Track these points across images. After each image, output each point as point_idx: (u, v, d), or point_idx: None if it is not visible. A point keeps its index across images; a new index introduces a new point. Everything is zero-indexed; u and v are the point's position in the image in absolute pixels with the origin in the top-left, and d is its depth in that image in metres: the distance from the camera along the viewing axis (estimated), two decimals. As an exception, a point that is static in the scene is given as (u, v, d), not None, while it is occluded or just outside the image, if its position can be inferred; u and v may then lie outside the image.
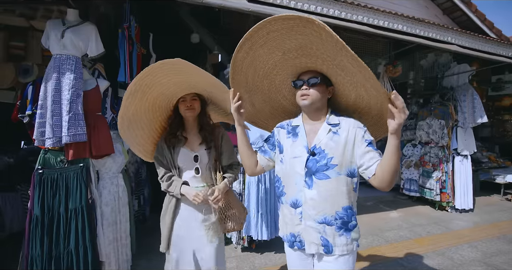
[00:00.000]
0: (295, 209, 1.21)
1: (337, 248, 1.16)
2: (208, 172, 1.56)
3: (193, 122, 1.60)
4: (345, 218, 1.16)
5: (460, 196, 4.24)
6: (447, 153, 4.32)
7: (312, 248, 1.19)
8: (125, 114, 1.44)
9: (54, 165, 2.08)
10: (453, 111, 4.29)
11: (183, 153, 1.54)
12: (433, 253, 2.90)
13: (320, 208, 1.15)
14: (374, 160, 1.11)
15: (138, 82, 1.34)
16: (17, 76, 2.90)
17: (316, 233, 1.17)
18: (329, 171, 1.14)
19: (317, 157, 1.16)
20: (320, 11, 2.87)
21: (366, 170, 1.13)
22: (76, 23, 2.14)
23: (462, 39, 3.70)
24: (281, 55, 1.21)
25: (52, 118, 1.99)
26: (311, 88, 1.19)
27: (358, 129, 1.17)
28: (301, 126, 1.26)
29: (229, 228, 1.56)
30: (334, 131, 1.18)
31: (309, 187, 1.16)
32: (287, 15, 1.02)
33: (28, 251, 1.92)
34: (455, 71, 4.55)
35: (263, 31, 1.11)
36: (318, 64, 1.19)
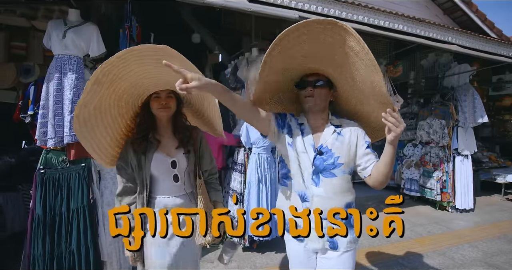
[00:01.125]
0: (302, 202, 1.22)
1: (341, 244, 1.21)
2: (187, 179, 1.38)
3: (167, 123, 1.39)
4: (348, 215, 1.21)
5: (460, 195, 4.24)
6: (447, 153, 4.31)
7: (318, 243, 1.21)
8: (86, 106, 1.18)
9: (56, 164, 2.09)
10: (454, 111, 4.28)
11: (157, 159, 1.32)
12: (433, 253, 2.90)
13: (326, 205, 1.18)
14: (370, 162, 1.20)
15: (108, 68, 1.10)
16: (19, 76, 2.91)
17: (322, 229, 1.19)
18: (335, 170, 1.20)
19: (324, 156, 1.20)
20: (320, 11, 2.88)
21: (363, 170, 1.22)
22: (78, 23, 2.14)
23: (462, 39, 3.70)
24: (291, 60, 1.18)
25: (54, 119, 2.00)
26: (316, 90, 1.22)
27: (359, 131, 1.24)
28: (306, 125, 1.27)
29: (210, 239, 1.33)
30: (338, 132, 1.23)
31: (316, 185, 1.20)
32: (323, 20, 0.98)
33: (30, 250, 1.92)
34: (455, 71, 4.55)
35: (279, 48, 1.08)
36: (325, 67, 1.20)
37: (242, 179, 2.88)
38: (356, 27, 2.98)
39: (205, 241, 1.32)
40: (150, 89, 1.33)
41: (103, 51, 2.20)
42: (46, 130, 2.01)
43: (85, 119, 1.22)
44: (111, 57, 1.09)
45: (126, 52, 1.08)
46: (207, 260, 2.64)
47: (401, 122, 1.02)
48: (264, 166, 2.79)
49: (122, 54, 1.08)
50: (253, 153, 2.83)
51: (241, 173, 2.90)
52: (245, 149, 2.94)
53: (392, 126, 1.02)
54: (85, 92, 1.14)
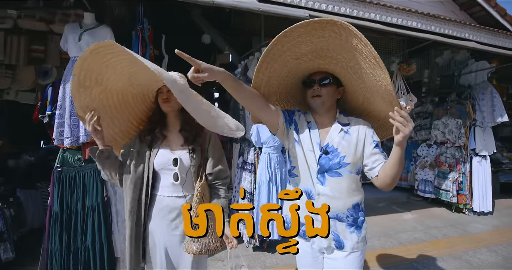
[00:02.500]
0: (307, 199, 1.21)
1: (348, 245, 1.18)
2: (189, 180, 1.30)
3: (175, 120, 1.37)
4: (355, 214, 1.20)
5: (478, 198, 4.09)
6: (464, 153, 4.17)
7: (324, 242, 1.20)
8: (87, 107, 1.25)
9: (72, 163, 2.16)
10: (471, 110, 4.13)
11: (161, 154, 1.30)
12: (449, 257, 2.81)
13: (332, 204, 1.15)
14: (378, 162, 1.16)
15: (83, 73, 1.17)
16: (37, 79, 3.02)
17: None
18: (341, 169, 1.17)
19: (329, 156, 1.18)
20: (331, 9, 2.84)
21: (370, 171, 1.18)
22: (93, 26, 2.21)
23: (480, 35, 3.57)
24: (295, 61, 1.19)
25: (70, 119, 2.07)
26: (323, 88, 1.20)
27: (368, 130, 1.21)
28: (313, 123, 1.25)
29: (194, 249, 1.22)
30: (345, 131, 1.21)
31: (322, 184, 1.18)
32: (302, 23, 1.00)
33: (48, 245, 2.00)
34: (473, 68, 4.39)
35: (278, 46, 1.10)
36: (331, 65, 1.19)
37: (252, 178, 2.88)
38: (367, 25, 2.93)
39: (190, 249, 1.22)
40: (153, 86, 1.34)
41: (116, 53, 2.26)
42: (63, 130, 2.08)
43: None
44: (76, 64, 1.14)
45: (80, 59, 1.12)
46: (217, 258, 2.66)
47: (410, 122, 0.99)
48: (275, 165, 2.79)
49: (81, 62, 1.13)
50: (264, 153, 2.83)
51: (252, 172, 2.91)
52: (255, 148, 2.94)
53: (400, 126, 0.99)
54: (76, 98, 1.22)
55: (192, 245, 1.21)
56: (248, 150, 3.02)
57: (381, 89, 1.08)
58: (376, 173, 1.16)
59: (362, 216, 1.22)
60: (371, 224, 1.26)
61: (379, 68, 1.00)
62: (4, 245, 2.34)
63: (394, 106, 1.03)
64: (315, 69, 1.24)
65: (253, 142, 2.91)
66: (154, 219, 1.31)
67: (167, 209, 1.29)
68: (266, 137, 2.76)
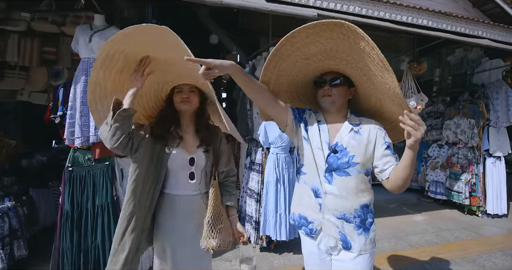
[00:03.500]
0: (315, 198, 1.21)
1: (355, 246, 1.16)
2: (203, 178, 1.35)
3: (190, 120, 1.37)
4: (362, 216, 1.18)
5: (492, 200, 3.97)
6: (477, 154, 4.06)
7: (331, 241, 1.19)
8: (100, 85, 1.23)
9: (82, 163, 2.19)
10: (484, 109, 4.02)
11: (177, 154, 1.29)
12: (462, 260, 2.74)
13: (339, 204, 1.16)
14: (389, 164, 1.14)
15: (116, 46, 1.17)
16: (49, 80, 3.09)
17: (335, 227, 1.18)
18: (350, 169, 1.16)
19: (338, 155, 1.17)
20: (339, 8, 2.81)
21: (380, 173, 1.16)
22: (103, 28, 2.24)
23: (494, 32, 3.47)
24: (305, 61, 1.21)
25: (80, 119, 2.10)
26: (333, 88, 1.20)
27: (379, 131, 1.19)
28: (323, 122, 1.25)
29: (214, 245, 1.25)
30: (356, 131, 1.20)
31: (329, 183, 1.17)
32: (310, 24, 1.03)
33: (59, 243, 2.04)
34: (486, 67, 4.27)
35: (287, 46, 1.12)
36: (341, 66, 1.20)
37: (260, 178, 2.87)
38: (377, 24, 2.88)
39: (210, 245, 1.25)
40: (174, 80, 1.32)
41: (125, 54, 2.29)
42: (74, 130, 2.12)
43: (101, 97, 1.26)
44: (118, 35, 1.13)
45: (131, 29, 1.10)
46: (225, 259, 2.66)
47: (421, 125, 0.97)
48: (282, 165, 2.77)
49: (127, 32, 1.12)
50: (271, 153, 2.82)
51: (259, 172, 2.90)
52: (263, 148, 2.93)
53: (411, 130, 0.97)
54: (96, 68, 1.17)
55: (211, 241, 1.25)
56: (255, 150, 3.02)
57: (390, 91, 1.08)
58: (386, 175, 1.14)
59: (370, 217, 1.20)
60: (380, 225, 1.24)
61: (386, 71, 1.00)
62: (17, 243, 2.39)
63: (404, 109, 1.02)
64: (326, 70, 1.24)
65: (260, 142, 2.90)
66: (166, 218, 1.30)
67: (181, 208, 1.30)
68: (274, 137, 2.75)
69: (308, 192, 1.23)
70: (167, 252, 1.29)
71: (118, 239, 1.24)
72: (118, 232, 1.25)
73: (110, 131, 1.13)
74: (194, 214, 1.31)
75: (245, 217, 2.97)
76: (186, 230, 1.30)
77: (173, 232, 1.30)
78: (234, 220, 1.38)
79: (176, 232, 1.29)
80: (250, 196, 2.96)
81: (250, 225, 2.91)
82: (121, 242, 1.23)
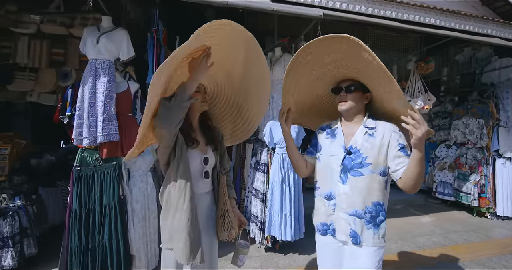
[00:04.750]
0: (329, 201, 1.31)
1: (364, 240, 1.25)
2: (214, 175, 1.42)
3: (197, 119, 1.42)
4: (374, 212, 1.24)
5: (502, 201, 3.89)
6: (486, 155, 3.99)
7: (342, 236, 1.28)
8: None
9: (90, 162, 2.22)
10: (494, 109, 3.95)
11: (194, 155, 1.33)
12: (471, 262, 2.69)
13: (351, 202, 1.25)
14: (401, 165, 1.20)
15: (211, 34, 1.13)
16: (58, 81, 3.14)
17: (346, 224, 1.26)
18: (363, 169, 1.24)
19: (352, 156, 1.26)
20: (345, 7, 2.79)
21: (394, 173, 1.23)
22: (110, 29, 2.27)
23: (504, 31, 3.40)
24: (321, 69, 1.34)
25: (88, 119, 2.13)
26: (348, 95, 1.30)
27: (394, 133, 1.25)
28: (339, 128, 1.37)
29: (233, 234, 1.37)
30: (370, 134, 1.28)
31: (343, 182, 1.26)
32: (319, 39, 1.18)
33: (68, 242, 2.07)
34: (496, 66, 4.19)
35: (301, 57, 1.28)
36: (354, 74, 1.30)
37: (265, 179, 2.87)
38: (383, 23, 2.86)
39: (230, 234, 1.36)
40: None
41: (132, 54, 2.31)
42: (82, 130, 2.15)
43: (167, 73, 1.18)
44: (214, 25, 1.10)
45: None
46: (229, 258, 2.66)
47: (422, 124, 1.03)
48: (288, 166, 2.77)
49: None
50: (277, 153, 2.82)
51: (264, 173, 2.89)
52: (268, 148, 2.93)
53: (411, 129, 1.05)
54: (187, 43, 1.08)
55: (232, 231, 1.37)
56: (261, 150, 3.02)
57: (396, 95, 1.18)
58: (399, 175, 1.21)
59: (382, 216, 1.26)
60: (387, 226, 1.25)
61: (387, 78, 1.12)
62: (27, 241, 2.44)
63: (407, 109, 1.10)
64: (341, 78, 1.35)
65: (266, 142, 2.90)
66: None
67: (198, 205, 1.31)
68: (279, 137, 2.75)
69: (322, 201, 1.35)
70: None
71: (192, 231, 1.20)
72: (190, 224, 1.20)
73: (174, 115, 1.15)
74: (206, 211, 1.38)
75: (250, 217, 2.97)
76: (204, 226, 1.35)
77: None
78: (236, 210, 1.51)
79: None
80: (256, 196, 2.96)
81: (255, 225, 2.91)
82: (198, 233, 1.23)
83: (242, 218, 1.52)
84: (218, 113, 1.60)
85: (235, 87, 1.49)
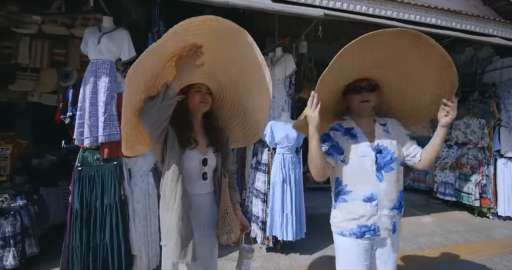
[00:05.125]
0: (370, 203, 1.30)
1: (398, 226, 1.37)
2: (214, 177, 1.39)
3: (200, 120, 1.41)
4: (401, 200, 1.36)
5: (504, 201, 3.88)
6: (488, 155, 3.98)
7: (385, 232, 1.32)
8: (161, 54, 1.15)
9: (91, 162, 2.23)
10: (495, 109, 3.94)
11: (192, 155, 1.31)
12: (472, 263, 2.69)
13: (391, 197, 1.31)
14: (417, 149, 1.37)
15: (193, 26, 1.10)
16: (59, 81, 3.15)
17: (389, 219, 1.32)
18: (393, 164, 1.32)
19: (383, 154, 1.32)
20: (346, 7, 2.79)
21: (413, 158, 1.36)
22: (111, 29, 2.27)
23: (506, 30, 3.39)
24: (357, 67, 1.29)
25: (89, 119, 2.13)
26: (371, 94, 1.33)
27: (400, 127, 1.40)
28: (356, 128, 1.37)
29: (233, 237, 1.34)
30: (386, 130, 1.37)
31: (381, 181, 1.30)
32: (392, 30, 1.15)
33: (69, 242, 2.07)
34: (497, 66, 4.18)
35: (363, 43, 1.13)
36: (384, 73, 1.33)
37: (266, 179, 2.87)
38: (384, 23, 2.85)
39: (230, 238, 1.33)
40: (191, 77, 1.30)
41: (133, 54, 2.32)
42: (83, 130, 2.15)
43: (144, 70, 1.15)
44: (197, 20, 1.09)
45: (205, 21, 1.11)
46: (231, 258, 2.67)
47: (455, 108, 1.25)
48: (289, 166, 2.77)
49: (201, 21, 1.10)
50: (278, 153, 2.82)
51: (265, 173, 2.89)
52: (269, 148, 2.93)
53: (450, 110, 1.24)
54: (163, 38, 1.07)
55: (231, 235, 1.34)
56: (262, 150, 3.01)
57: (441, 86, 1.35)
58: (419, 158, 1.35)
59: (403, 200, 1.38)
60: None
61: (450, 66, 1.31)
62: (29, 240, 2.45)
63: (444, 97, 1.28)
64: (362, 76, 1.35)
65: (267, 142, 2.90)
66: None
67: (195, 206, 1.30)
68: (280, 137, 2.75)
69: (360, 204, 1.30)
70: None
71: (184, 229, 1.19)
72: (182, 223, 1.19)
73: (157, 113, 1.13)
74: (206, 212, 1.36)
75: (251, 217, 2.97)
76: (198, 227, 1.30)
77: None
78: (238, 213, 1.48)
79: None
80: (256, 196, 2.96)
81: (257, 225, 2.91)
82: (189, 231, 1.21)
83: (245, 222, 1.49)
84: (225, 116, 1.54)
85: (238, 88, 1.43)
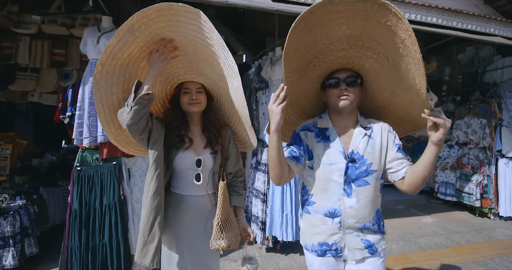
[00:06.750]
0: (332, 219, 1.11)
1: (378, 246, 1.13)
2: (211, 179, 1.31)
3: (197, 121, 1.34)
4: (379, 220, 1.15)
5: (505, 202, 3.86)
6: (489, 155, 3.96)
7: (357, 254, 1.12)
8: (113, 59, 1.14)
9: (90, 162, 2.23)
10: (497, 109, 3.92)
11: (184, 155, 1.26)
12: (473, 263, 2.67)
13: (359, 215, 1.09)
14: (403, 165, 1.10)
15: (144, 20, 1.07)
16: (59, 81, 3.15)
17: (357, 238, 1.12)
18: (368, 177, 1.09)
19: (356, 164, 1.09)
20: (346, 7, 2.77)
21: (394, 173, 1.11)
22: (110, 29, 2.27)
23: (507, 30, 3.38)
24: (327, 44, 1.06)
25: (89, 119, 2.13)
26: (350, 88, 1.10)
27: (390, 133, 1.14)
28: (332, 129, 1.15)
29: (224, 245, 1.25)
30: (369, 135, 1.12)
31: (348, 196, 1.09)
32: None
33: (68, 242, 2.07)
34: (499, 65, 4.16)
35: (320, 12, 0.95)
36: (363, 59, 1.10)
37: (266, 179, 2.86)
38: (385, 22, 2.83)
39: (219, 246, 1.23)
40: (180, 76, 1.29)
41: (133, 55, 2.31)
42: (82, 130, 2.15)
43: (108, 73, 1.17)
44: (148, 10, 1.04)
45: (162, 8, 1.05)
46: (231, 259, 2.66)
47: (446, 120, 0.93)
48: (288, 166, 2.76)
49: (159, 8, 1.05)
50: (277, 153, 2.80)
51: (265, 173, 2.89)
52: (268, 149, 2.92)
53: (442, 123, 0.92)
54: (116, 38, 1.08)
55: (221, 242, 1.24)
56: (261, 150, 3.01)
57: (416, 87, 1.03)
58: (401, 175, 1.09)
59: (382, 220, 1.18)
60: (389, 227, 1.22)
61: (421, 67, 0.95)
62: (28, 240, 2.45)
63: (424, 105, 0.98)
64: (338, 66, 1.14)
65: (266, 142, 2.89)
66: (173, 216, 1.29)
67: (188, 207, 1.28)
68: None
69: (321, 219, 1.14)
70: (174, 251, 1.29)
71: (148, 230, 1.18)
72: (147, 223, 1.18)
73: (130, 112, 1.10)
74: (201, 214, 1.31)
75: (251, 217, 2.96)
76: (193, 229, 1.28)
77: (181, 231, 1.28)
78: (241, 220, 1.38)
79: (183, 231, 1.28)
80: (256, 196, 2.95)
81: (256, 225, 2.90)
82: (151, 232, 1.18)
83: (247, 229, 1.37)
84: (226, 115, 1.45)
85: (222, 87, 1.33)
